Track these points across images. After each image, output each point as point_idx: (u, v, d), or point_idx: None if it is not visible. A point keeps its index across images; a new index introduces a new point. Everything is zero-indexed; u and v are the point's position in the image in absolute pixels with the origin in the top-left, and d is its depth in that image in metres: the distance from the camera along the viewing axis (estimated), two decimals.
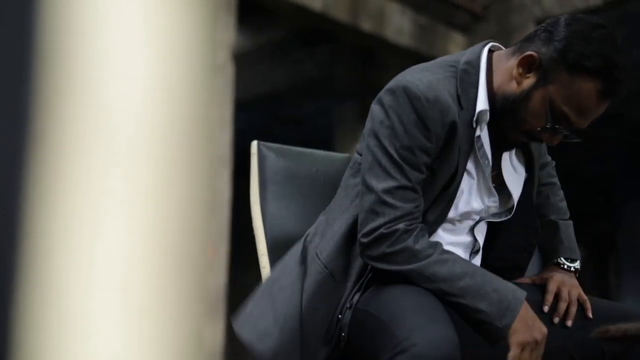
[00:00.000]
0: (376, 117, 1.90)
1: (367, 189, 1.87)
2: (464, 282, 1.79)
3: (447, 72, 1.94)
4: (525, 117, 1.90)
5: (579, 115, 1.87)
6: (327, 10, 7.84)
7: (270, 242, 2.17)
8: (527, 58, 1.90)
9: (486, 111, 1.93)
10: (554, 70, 1.86)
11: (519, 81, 1.91)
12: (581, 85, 1.83)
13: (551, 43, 1.87)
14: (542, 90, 1.88)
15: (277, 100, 11.77)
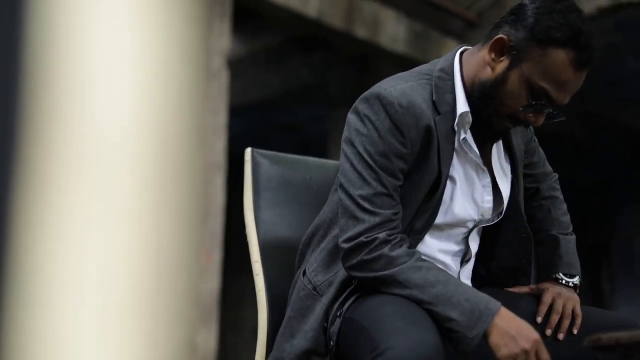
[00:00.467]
0: (352, 125, 1.91)
1: (346, 196, 1.88)
2: (436, 290, 1.79)
3: (421, 79, 1.96)
4: (505, 100, 1.90)
5: (558, 89, 1.87)
6: (322, 18, 7.85)
7: (263, 249, 2.18)
8: (498, 42, 1.91)
9: (468, 113, 1.93)
10: (526, 49, 1.87)
11: (492, 67, 1.92)
12: (554, 58, 1.84)
13: (519, 23, 1.89)
14: (517, 70, 1.88)
15: (272, 107, 11.78)
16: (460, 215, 2.00)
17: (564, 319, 2.04)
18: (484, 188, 2.02)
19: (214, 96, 6.71)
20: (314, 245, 2.06)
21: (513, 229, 2.10)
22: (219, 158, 6.69)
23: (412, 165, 1.90)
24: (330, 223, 2.04)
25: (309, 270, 2.01)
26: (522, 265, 2.13)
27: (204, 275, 6.47)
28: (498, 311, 1.78)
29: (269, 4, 7.51)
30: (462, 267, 2.09)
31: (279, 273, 2.17)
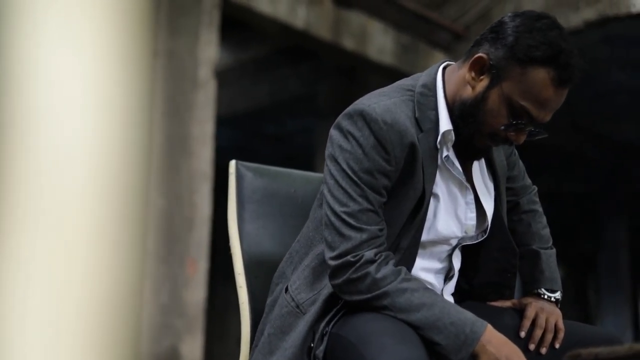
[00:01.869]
0: (335, 141, 1.90)
1: (331, 212, 1.87)
2: (421, 314, 1.78)
3: (404, 95, 1.95)
4: (485, 119, 1.90)
5: (539, 107, 1.87)
6: (310, 29, 7.86)
7: (246, 262, 2.17)
8: (477, 60, 1.91)
9: (450, 131, 1.94)
10: (506, 67, 1.87)
11: (472, 85, 1.92)
12: (534, 76, 1.84)
13: (498, 41, 1.89)
14: (497, 89, 1.88)
15: (260, 117, 11.78)
16: (443, 232, 2.00)
17: (546, 333, 2.04)
18: (467, 205, 2.02)
19: (200, 106, 6.71)
20: (296, 263, 2.05)
21: (498, 245, 2.10)
22: (206, 168, 6.68)
23: (396, 183, 1.89)
24: (312, 240, 2.03)
25: (292, 288, 2.00)
26: (507, 280, 2.13)
27: (190, 285, 6.46)
28: (483, 333, 1.78)
29: (257, 15, 7.52)
30: (445, 284, 2.09)
31: (262, 285, 2.17)
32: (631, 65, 9.93)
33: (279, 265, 2.12)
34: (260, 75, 10.79)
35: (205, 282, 6.60)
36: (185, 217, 6.51)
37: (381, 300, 1.81)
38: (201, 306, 6.54)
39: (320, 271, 1.96)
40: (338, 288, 1.86)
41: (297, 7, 7.76)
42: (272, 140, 12.69)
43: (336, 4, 8.18)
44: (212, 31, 6.91)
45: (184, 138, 6.59)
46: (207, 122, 6.76)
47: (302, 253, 2.05)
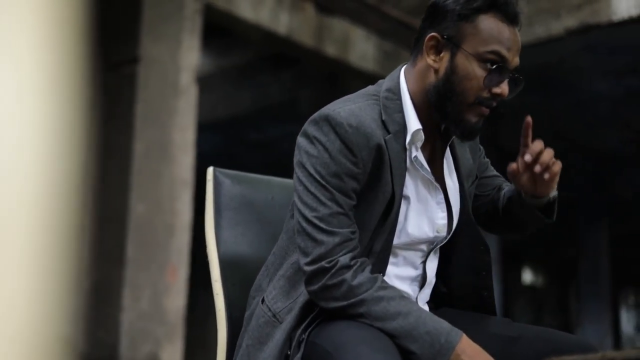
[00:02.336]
0: (302, 148, 1.91)
1: (302, 218, 1.87)
2: (396, 323, 1.78)
3: (369, 100, 1.96)
4: (464, 86, 1.92)
5: (504, 47, 1.91)
6: (292, 35, 7.87)
7: (223, 269, 2.16)
8: (430, 40, 1.95)
9: (419, 130, 1.94)
10: (457, 31, 1.92)
11: (436, 67, 1.95)
12: (486, 24, 1.91)
13: (438, 17, 1.95)
14: (460, 54, 1.92)
15: (242, 123, 11.77)
16: (414, 234, 2.00)
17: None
18: (437, 205, 2.02)
19: (182, 112, 6.70)
20: (271, 274, 2.05)
21: (469, 242, 2.10)
22: (186, 174, 6.67)
23: (365, 185, 1.89)
24: (286, 250, 2.03)
25: (268, 298, 2.00)
26: (483, 279, 2.12)
27: (170, 292, 6.44)
28: (459, 342, 1.78)
29: (239, 21, 7.52)
30: (420, 292, 2.09)
31: (239, 293, 2.15)
32: (612, 74, 9.98)
33: (256, 279, 2.11)
34: (242, 82, 10.79)
35: (185, 289, 6.58)
36: (165, 224, 6.49)
37: (357, 308, 1.80)
38: (181, 313, 6.52)
39: (296, 280, 1.96)
40: (314, 294, 1.86)
41: (279, 14, 7.76)
42: (254, 146, 12.68)
43: (319, 10, 8.19)
44: (193, 37, 6.90)
45: (165, 144, 6.57)
46: (188, 128, 6.75)
47: (277, 264, 2.05)
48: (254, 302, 2.05)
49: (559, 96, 10.42)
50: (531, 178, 1.99)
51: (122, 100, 6.58)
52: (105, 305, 6.34)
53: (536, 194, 2.03)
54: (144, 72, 6.52)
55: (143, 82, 6.49)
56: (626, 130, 12.28)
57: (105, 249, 6.46)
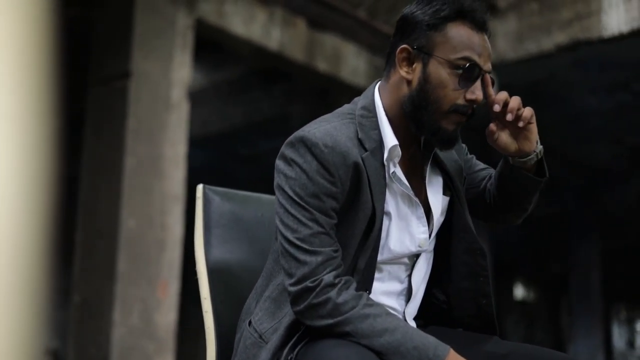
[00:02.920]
0: (280, 170, 1.91)
1: (284, 240, 1.87)
2: (383, 339, 1.77)
3: (344, 119, 1.97)
4: (438, 94, 1.93)
5: (474, 53, 1.92)
6: (284, 50, 7.89)
7: (213, 286, 2.16)
8: (402, 53, 1.97)
9: (397, 146, 1.95)
10: (428, 40, 1.93)
11: (409, 78, 1.96)
12: (455, 31, 1.93)
13: (407, 29, 1.97)
14: (432, 62, 1.93)
15: (233, 138, 11.78)
16: (396, 250, 2.00)
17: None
18: (418, 219, 2.03)
19: (173, 127, 6.71)
20: (258, 296, 2.05)
21: (465, 247, 2.10)
22: (178, 189, 6.67)
23: (345, 204, 1.90)
24: (272, 271, 2.03)
25: (254, 319, 2.00)
26: (481, 285, 2.11)
27: (161, 307, 6.43)
28: (446, 356, 1.77)
29: (231, 36, 7.53)
30: (407, 305, 2.09)
31: (228, 310, 2.15)
32: (603, 89, 10.02)
33: (246, 302, 2.11)
34: (233, 97, 10.80)
35: (176, 305, 6.58)
36: (156, 239, 6.49)
37: (344, 326, 1.80)
38: (172, 328, 6.51)
39: (281, 300, 1.96)
40: (300, 314, 1.86)
41: (271, 29, 7.78)
42: (246, 161, 12.69)
43: (310, 26, 8.22)
44: (185, 52, 6.91)
45: (156, 159, 6.57)
46: (179, 143, 6.76)
47: (263, 286, 2.05)
48: (243, 325, 2.05)
49: (549, 111, 10.45)
50: (509, 134, 2.01)
51: (113, 114, 6.58)
52: (96, 320, 6.32)
53: (520, 152, 2.03)
54: (136, 87, 6.52)
55: (134, 97, 6.50)
56: (617, 145, 12.32)
57: (96, 263, 6.45)
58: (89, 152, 6.85)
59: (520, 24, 8.44)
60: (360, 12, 8.35)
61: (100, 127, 6.76)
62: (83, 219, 6.75)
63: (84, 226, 6.71)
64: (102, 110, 6.77)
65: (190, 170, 7.02)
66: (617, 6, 7.73)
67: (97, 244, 6.50)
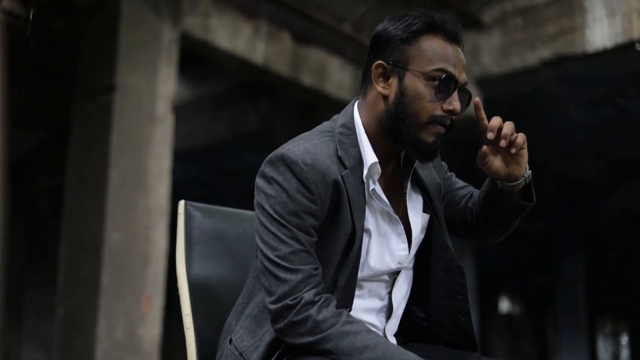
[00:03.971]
0: (260, 189, 1.91)
1: (265, 258, 1.87)
2: (364, 357, 1.76)
3: (323, 137, 1.98)
4: (416, 107, 1.94)
5: (449, 64, 1.94)
6: (269, 64, 7.90)
7: (194, 303, 2.15)
8: (377, 68, 1.98)
9: (376, 163, 1.95)
10: (402, 55, 1.94)
11: (386, 93, 1.97)
12: (428, 44, 1.94)
13: (381, 45, 1.98)
14: (408, 76, 1.94)
15: (218, 152, 11.77)
16: (377, 267, 2.00)
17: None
18: (398, 236, 2.03)
19: (158, 141, 6.70)
20: (239, 314, 2.05)
21: (444, 265, 2.10)
22: (162, 203, 6.66)
23: (325, 221, 1.90)
24: (252, 289, 2.03)
25: (235, 337, 1.99)
26: (459, 303, 2.11)
27: (145, 321, 6.41)
28: None
29: (216, 50, 7.54)
30: (387, 322, 2.09)
31: (209, 327, 2.14)
32: (587, 104, 10.06)
33: (227, 320, 2.11)
34: (219, 110, 10.80)
35: (161, 319, 6.56)
36: (141, 253, 6.47)
37: (324, 344, 1.80)
38: (156, 343, 6.49)
39: (262, 318, 1.95)
40: (280, 332, 1.86)
41: (256, 43, 7.79)
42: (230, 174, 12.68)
43: (295, 40, 8.23)
44: (170, 66, 6.92)
45: (140, 173, 6.56)
46: (164, 157, 6.75)
47: (244, 304, 2.05)
48: (224, 343, 2.05)
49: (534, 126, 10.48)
50: (501, 159, 2.00)
51: (98, 128, 6.58)
52: (80, 334, 6.30)
53: (510, 176, 2.03)
54: (120, 101, 6.52)
55: (119, 111, 6.49)
56: (601, 160, 12.37)
57: (80, 277, 6.43)
58: (73, 166, 6.84)
59: (504, 39, 8.48)
60: (345, 27, 8.37)
61: (85, 141, 6.75)
62: (67, 233, 6.73)
63: (68, 240, 6.70)
64: (87, 123, 6.76)
65: (175, 184, 7.01)
66: (601, 21, 7.78)
67: (81, 257, 6.48)
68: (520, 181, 2.04)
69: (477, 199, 2.18)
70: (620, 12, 7.66)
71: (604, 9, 7.77)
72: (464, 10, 8.40)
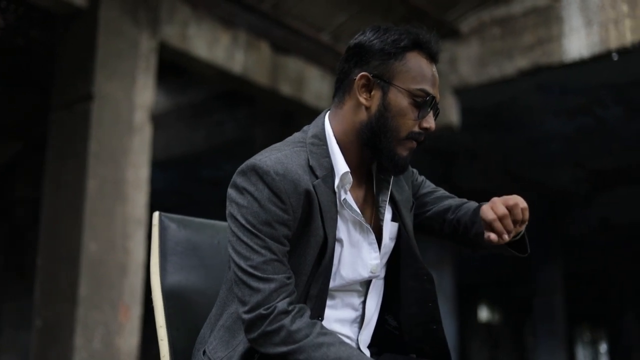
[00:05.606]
0: (232, 199, 1.92)
1: (237, 268, 1.87)
2: None
3: (295, 147, 1.99)
4: (397, 122, 1.97)
5: (430, 84, 1.98)
6: (247, 74, 7.90)
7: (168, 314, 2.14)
8: (361, 80, 1.99)
9: (348, 173, 1.96)
10: (387, 69, 1.97)
11: (368, 104, 1.99)
12: (413, 61, 1.98)
13: (365, 56, 1.99)
14: (392, 91, 1.97)
15: (196, 161, 11.75)
16: (348, 276, 2.00)
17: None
18: (369, 245, 2.04)
19: (136, 150, 6.68)
20: (212, 325, 2.05)
21: (412, 273, 2.11)
22: (140, 213, 6.64)
23: (297, 231, 1.91)
24: (225, 300, 2.03)
25: (209, 349, 1.99)
26: (430, 311, 2.12)
27: (123, 332, 6.38)
28: None
29: (194, 59, 7.54)
30: (360, 332, 2.09)
31: (184, 338, 2.13)
32: (564, 113, 10.11)
33: (200, 332, 2.10)
34: (197, 119, 10.79)
35: (139, 329, 6.53)
36: (118, 263, 6.44)
37: (297, 354, 1.80)
38: (134, 353, 6.46)
39: (235, 329, 1.95)
40: (254, 342, 1.86)
41: (234, 52, 7.79)
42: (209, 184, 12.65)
43: (274, 49, 8.23)
44: (148, 75, 6.90)
45: (118, 182, 6.54)
46: (142, 166, 6.73)
47: (217, 315, 2.05)
48: (198, 355, 2.04)
49: (512, 135, 10.52)
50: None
51: (75, 137, 6.55)
52: (58, 345, 6.26)
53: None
54: (98, 110, 6.49)
55: (96, 120, 6.47)
56: (578, 169, 12.43)
57: (58, 287, 6.40)
58: (51, 175, 6.80)
59: (482, 48, 8.52)
60: (323, 36, 8.39)
61: (62, 150, 6.72)
62: (45, 243, 6.69)
63: (45, 250, 6.66)
64: (65, 133, 6.73)
65: (153, 193, 6.99)
66: (577, 31, 7.83)
67: (58, 267, 6.44)
68: (517, 237, 2.05)
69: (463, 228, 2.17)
70: (597, 22, 7.71)
71: (580, 19, 7.82)
72: (442, 20, 8.43)
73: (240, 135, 10.49)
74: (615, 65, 7.99)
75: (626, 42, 7.51)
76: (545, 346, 15.21)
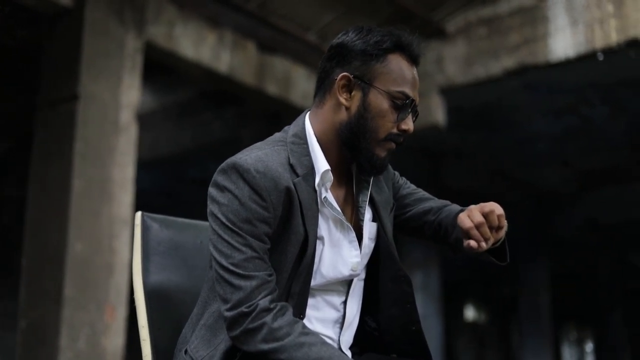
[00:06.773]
0: (213, 198, 1.92)
1: (219, 266, 1.87)
2: None
3: (276, 146, 1.99)
4: (377, 123, 1.97)
5: (410, 87, 1.99)
6: (234, 74, 7.89)
7: (150, 314, 2.14)
8: (342, 80, 1.99)
9: (328, 171, 1.97)
10: (368, 70, 1.97)
11: (348, 105, 1.99)
12: (394, 63, 1.98)
13: (347, 57, 2.00)
14: (372, 92, 1.97)
15: (183, 161, 11.73)
16: (329, 275, 2.01)
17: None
18: (350, 243, 2.04)
19: (121, 150, 6.67)
20: (194, 324, 2.05)
21: (391, 275, 2.12)
22: (126, 213, 6.62)
23: (277, 228, 1.91)
24: (207, 300, 2.03)
25: (190, 348, 1.99)
26: (408, 312, 2.12)
27: (108, 332, 6.37)
28: None
29: (181, 59, 7.53)
30: (342, 333, 2.09)
31: (166, 338, 2.13)
32: (551, 113, 10.14)
33: (182, 331, 2.10)
34: (184, 119, 10.77)
35: (124, 329, 6.51)
36: (104, 263, 6.43)
37: (279, 354, 1.80)
38: (120, 353, 6.45)
39: (217, 328, 1.95)
40: (236, 339, 1.86)
41: (221, 52, 7.79)
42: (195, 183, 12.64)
43: (260, 49, 8.23)
44: (134, 75, 6.89)
45: (104, 182, 6.52)
46: (128, 166, 6.72)
47: (199, 314, 2.05)
48: (180, 355, 2.04)
49: (499, 135, 10.54)
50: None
51: (61, 137, 6.53)
52: (43, 346, 6.24)
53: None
54: (84, 110, 6.48)
55: (82, 120, 6.45)
56: (565, 169, 12.47)
57: (43, 288, 6.38)
58: (36, 175, 6.78)
59: (469, 48, 8.54)
60: (310, 36, 8.39)
61: (48, 150, 6.70)
62: (30, 243, 6.67)
63: (30, 250, 6.64)
64: (50, 132, 6.71)
65: (139, 193, 6.98)
66: (563, 31, 7.85)
67: (43, 267, 6.42)
68: (496, 244, 2.06)
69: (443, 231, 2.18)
70: (582, 21, 7.74)
71: (566, 19, 7.84)
72: (429, 19, 8.45)
73: (227, 135, 10.49)
74: (601, 65, 8.02)
75: (611, 42, 7.54)
76: (531, 345, 15.25)
